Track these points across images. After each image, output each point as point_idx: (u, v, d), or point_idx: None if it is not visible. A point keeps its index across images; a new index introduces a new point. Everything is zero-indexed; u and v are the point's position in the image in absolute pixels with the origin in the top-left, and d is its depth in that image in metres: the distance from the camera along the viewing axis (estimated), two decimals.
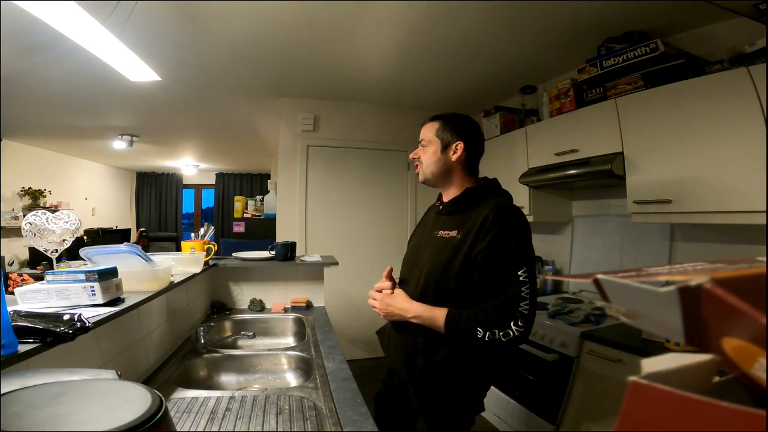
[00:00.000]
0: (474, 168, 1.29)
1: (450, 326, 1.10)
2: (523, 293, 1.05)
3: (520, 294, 1.05)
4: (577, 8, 1.94)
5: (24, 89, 3.01)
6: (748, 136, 1.47)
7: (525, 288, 1.06)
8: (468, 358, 1.15)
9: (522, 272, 1.07)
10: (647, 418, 0.20)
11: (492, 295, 1.08)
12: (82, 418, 0.47)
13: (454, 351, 1.15)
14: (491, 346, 1.06)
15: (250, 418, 1.05)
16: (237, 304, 2.16)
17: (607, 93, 2.10)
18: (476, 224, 1.12)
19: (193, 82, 3.03)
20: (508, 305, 1.05)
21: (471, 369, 1.17)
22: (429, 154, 1.26)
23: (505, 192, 1.27)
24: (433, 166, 1.26)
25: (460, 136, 1.24)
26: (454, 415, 1.21)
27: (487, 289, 1.09)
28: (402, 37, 2.31)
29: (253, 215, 5.41)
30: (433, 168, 1.26)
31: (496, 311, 1.06)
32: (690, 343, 0.21)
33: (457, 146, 1.23)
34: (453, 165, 1.25)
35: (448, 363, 1.16)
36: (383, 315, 1.26)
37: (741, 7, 1.63)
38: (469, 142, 1.24)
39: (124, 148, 4.96)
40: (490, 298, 1.08)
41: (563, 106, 2.38)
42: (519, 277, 1.06)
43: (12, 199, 5.01)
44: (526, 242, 1.11)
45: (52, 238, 1.40)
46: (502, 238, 1.09)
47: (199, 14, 2.03)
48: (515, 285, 1.06)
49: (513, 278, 1.06)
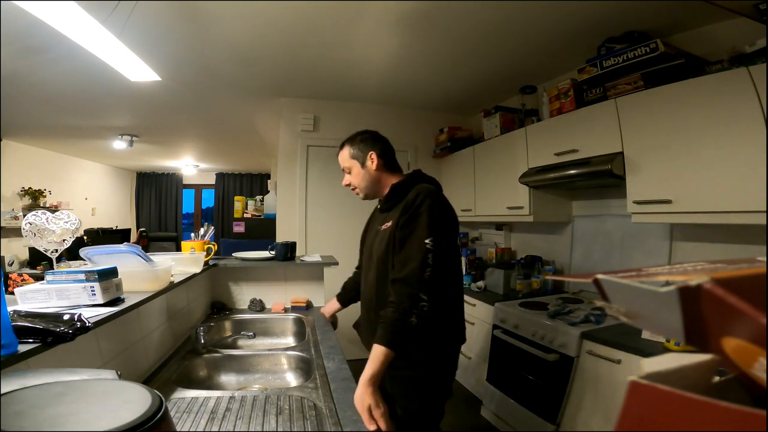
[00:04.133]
0: (393, 166, 1.45)
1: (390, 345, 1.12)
2: (429, 260, 1.15)
3: (426, 261, 1.15)
4: (577, 8, 1.95)
5: (24, 89, 3.01)
6: (748, 136, 1.47)
7: (430, 255, 1.15)
8: (432, 344, 1.25)
9: (429, 241, 1.16)
10: (647, 418, 0.20)
11: (403, 264, 1.18)
12: (82, 418, 0.47)
13: (420, 339, 1.21)
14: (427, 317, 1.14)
15: (250, 418, 1.05)
16: (237, 304, 2.16)
17: (607, 93, 2.10)
18: (401, 209, 1.27)
19: (193, 82, 3.03)
20: (415, 273, 1.14)
21: (437, 354, 1.27)
22: (355, 176, 1.44)
23: (430, 179, 1.41)
24: (364, 182, 1.43)
25: (370, 147, 1.41)
26: (426, 401, 1.27)
27: (400, 258, 1.20)
28: (402, 37, 2.31)
29: (253, 215, 5.40)
30: (365, 183, 1.43)
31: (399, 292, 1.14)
32: (690, 343, 0.21)
33: (371, 156, 1.40)
34: (376, 173, 1.42)
35: (416, 350, 1.22)
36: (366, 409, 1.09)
37: (741, 7, 1.63)
38: (378, 148, 1.42)
39: (124, 148, 4.96)
40: (402, 267, 1.18)
41: (563, 106, 2.38)
42: (426, 245, 1.16)
43: (12, 199, 5.01)
44: (437, 216, 1.21)
45: (52, 238, 1.40)
46: (415, 213, 1.22)
47: (199, 14, 2.03)
48: (422, 253, 1.15)
49: (420, 246, 1.16)
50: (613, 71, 2.03)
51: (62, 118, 3.94)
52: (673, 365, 0.23)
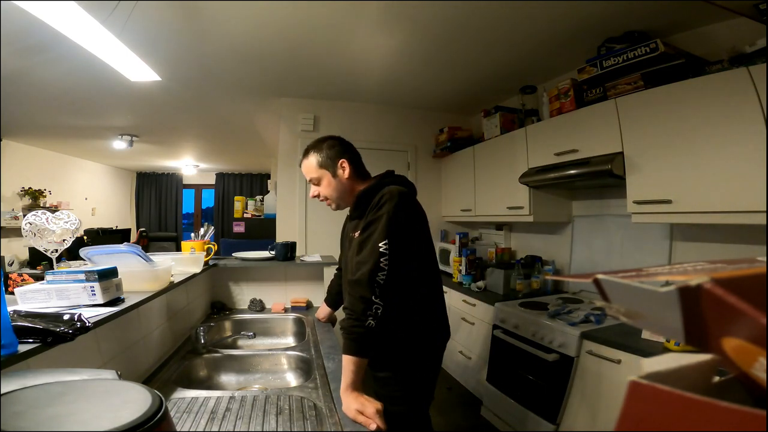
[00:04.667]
0: (363, 172, 1.40)
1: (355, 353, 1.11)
2: (382, 264, 1.12)
3: (379, 265, 1.12)
4: (577, 8, 1.94)
5: (24, 89, 3.01)
6: (748, 136, 1.47)
7: (384, 259, 1.12)
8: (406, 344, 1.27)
9: (383, 244, 1.13)
10: (647, 418, 0.20)
11: (358, 267, 1.15)
12: (82, 418, 0.47)
13: (391, 340, 1.23)
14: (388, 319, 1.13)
15: (250, 418, 1.05)
16: (237, 304, 2.16)
17: (607, 93, 2.10)
18: (366, 213, 1.23)
19: (193, 82, 3.03)
20: (366, 277, 1.12)
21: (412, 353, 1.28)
22: (326, 186, 1.36)
23: (400, 179, 1.36)
24: (337, 192, 1.35)
25: (340, 155, 1.35)
26: (408, 400, 1.28)
27: (357, 260, 1.17)
28: (402, 37, 2.31)
29: (253, 215, 5.40)
30: (338, 194, 1.36)
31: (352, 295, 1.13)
32: (690, 343, 0.21)
33: (343, 164, 1.34)
34: (347, 181, 1.35)
35: (391, 351, 1.25)
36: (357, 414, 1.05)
37: (741, 7, 1.63)
38: (348, 155, 1.36)
39: (124, 148, 4.96)
40: (356, 270, 1.15)
41: (563, 106, 2.38)
42: (379, 248, 1.13)
43: (12, 199, 5.01)
44: (396, 218, 1.17)
45: (52, 238, 1.40)
46: (375, 216, 1.18)
47: (199, 14, 2.03)
48: (376, 256, 1.12)
49: (374, 250, 1.13)
50: (613, 71, 2.03)
51: (62, 118, 3.93)
52: (673, 365, 0.23)
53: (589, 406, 1.79)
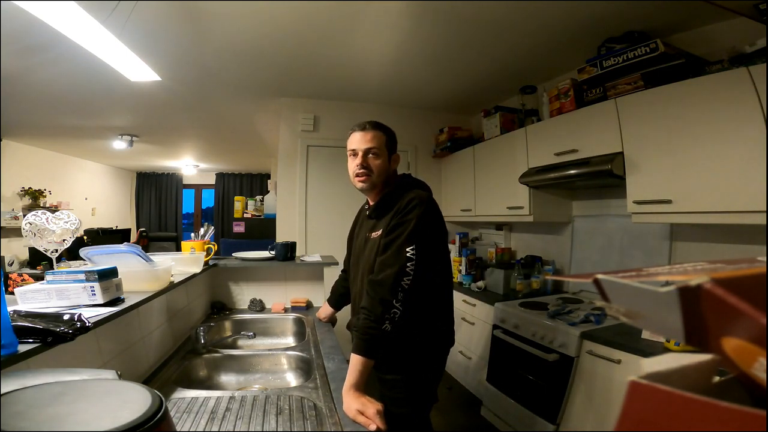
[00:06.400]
0: (396, 175, 1.41)
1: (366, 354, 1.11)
2: (408, 268, 1.13)
3: (404, 269, 1.12)
4: (577, 8, 1.94)
5: (24, 89, 3.01)
6: (748, 136, 1.47)
7: (410, 264, 1.13)
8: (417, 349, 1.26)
9: (410, 249, 1.14)
10: (647, 418, 0.20)
11: (381, 268, 1.15)
12: (82, 418, 0.47)
13: (404, 345, 1.22)
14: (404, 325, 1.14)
15: (250, 418, 1.05)
16: (237, 304, 2.16)
17: (607, 93, 2.10)
18: (392, 214, 1.24)
19: (193, 82, 3.03)
20: (390, 279, 1.12)
21: (422, 358, 1.28)
22: (380, 165, 1.32)
23: (422, 184, 1.39)
24: (381, 176, 1.33)
25: (396, 149, 1.38)
26: (413, 403, 1.28)
27: (381, 260, 1.18)
28: (402, 37, 2.31)
29: (253, 215, 5.40)
30: (382, 178, 1.33)
31: (372, 296, 1.13)
32: (690, 343, 0.21)
33: (395, 158, 1.38)
34: (390, 174, 1.36)
35: (402, 355, 1.25)
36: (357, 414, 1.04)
37: (741, 7, 1.63)
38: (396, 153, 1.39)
39: (124, 148, 4.96)
40: (380, 270, 1.16)
41: (563, 106, 2.38)
42: (406, 253, 1.14)
43: (12, 199, 5.01)
44: (424, 224, 1.19)
45: (52, 238, 1.40)
46: (403, 219, 1.19)
47: (199, 14, 2.03)
48: (402, 261, 1.13)
49: (401, 253, 1.14)
50: (613, 71, 2.03)
51: (62, 118, 3.93)
52: (673, 365, 0.23)
53: (589, 407, 1.79)
